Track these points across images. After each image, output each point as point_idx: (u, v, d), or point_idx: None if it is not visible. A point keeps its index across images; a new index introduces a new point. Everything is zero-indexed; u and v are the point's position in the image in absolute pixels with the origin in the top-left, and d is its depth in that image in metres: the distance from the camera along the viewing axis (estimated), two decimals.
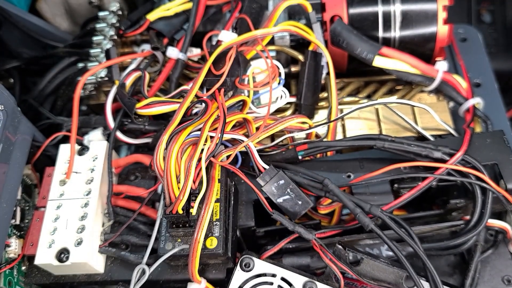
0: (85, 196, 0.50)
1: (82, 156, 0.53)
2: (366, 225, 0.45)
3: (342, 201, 0.47)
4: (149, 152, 0.57)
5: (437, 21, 0.57)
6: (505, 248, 0.50)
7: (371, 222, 0.45)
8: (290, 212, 0.49)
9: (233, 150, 0.49)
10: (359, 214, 0.46)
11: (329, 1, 0.59)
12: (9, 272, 0.49)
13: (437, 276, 0.43)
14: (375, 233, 0.45)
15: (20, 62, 0.70)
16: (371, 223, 0.45)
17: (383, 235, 0.44)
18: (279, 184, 0.49)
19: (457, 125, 0.59)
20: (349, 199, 0.47)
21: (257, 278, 0.46)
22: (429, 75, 0.56)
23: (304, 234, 0.47)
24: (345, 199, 0.47)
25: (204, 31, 0.62)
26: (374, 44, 0.56)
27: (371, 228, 0.45)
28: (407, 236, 0.45)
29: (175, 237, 0.47)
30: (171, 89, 0.59)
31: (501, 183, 0.49)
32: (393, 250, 0.44)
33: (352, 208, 0.46)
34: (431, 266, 0.43)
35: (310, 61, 0.58)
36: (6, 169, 0.50)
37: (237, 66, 0.56)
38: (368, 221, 0.45)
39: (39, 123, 0.61)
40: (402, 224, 0.46)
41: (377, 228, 0.45)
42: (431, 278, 0.43)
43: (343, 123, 0.60)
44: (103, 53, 0.63)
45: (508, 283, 0.48)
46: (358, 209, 0.46)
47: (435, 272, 0.43)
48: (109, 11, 0.67)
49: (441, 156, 0.50)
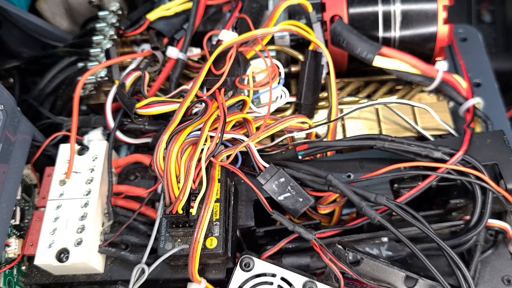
0: (85, 196, 0.50)
1: (82, 156, 0.53)
2: (373, 218, 0.45)
3: (346, 195, 0.47)
4: (149, 152, 0.57)
5: (437, 21, 0.57)
6: (505, 248, 0.50)
7: (377, 215, 0.45)
8: (291, 209, 0.49)
9: (233, 150, 0.49)
10: (364, 207, 0.46)
11: (329, 1, 0.59)
12: (9, 272, 0.49)
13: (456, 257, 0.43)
14: (382, 225, 0.45)
15: (20, 62, 0.69)
16: (377, 215, 0.45)
17: (391, 227, 0.45)
18: (279, 182, 0.49)
19: (457, 125, 0.59)
20: (353, 193, 0.47)
21: (257, 278, 0.46)
22: (429, 75, 0.56)
23: (304, 234, 0.47)
24: (350, 193, 0.47)
25: (204, 31, 0.62)
26: (374, 44, 0.56)
27: (379, 220, 0.45)
28: (415, 221, 0.45)
29: (175, 237, 0.47)
30: (171, 89, 0.59)
31: (501, 183, 0.49)
32: (404, 241, 0.44)
33: (358, 202, 0.46)
34: (444, 243, 0.44)
35: (310, 60, 0.58)
36: (6, 169, 0.50)
37: (237, 66, 0.56)
38: (375, 213, 0.45)
39: (39, 123, 0.61)
40: (408, 210, 0.46)
41: (384, 220, 0.45)
42: (449, 257, 0.43)
43: (343, 123, 0.60)
44: (103, 53, 0.63)
45: (508, 283, 0.48)
46: (364, 203, 0.46)
47: (453, 252, 0.43)
48: (109, 11, 0.67)
49: (441, 156, 0.50)
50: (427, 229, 0.44)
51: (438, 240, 0.43)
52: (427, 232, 0.44)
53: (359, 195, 0.47)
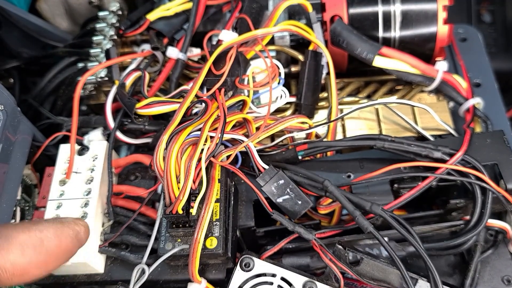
0: (85, 196, 0.50)
1: (82, 156, 0.53)
2: (365, 228, 0.45)
3: (341, 203, 0.47)
4: (149, 152, 0.57)
5: (437, 21, 0.57)
6: (505, 248, 0.50)
7: (369, 225, 0.45)
8: (290, 212, 0.49)
9: (233, 150, 0.49)
10: (358, 217, 0.46)
11: (329, 1, 0.59)
12: None
13: (437, 276, 0.43)
14: (373, 235, 0.45)
15: (20, 62, 0.70)
16: (369, 225, 0.45)
17: (381, 237, 0.44)
18: (278, 184, 0.49)
19: (457, 125, 0.59)
20: (348, 201, 0.47)
21: (257, 278, 0.46)
22: (429, 75, 0.56)
23: (304, 234, 0.47)
24: (345, 201, 0.47)
25: (204, 31, 0.62)
26: (374, 44, 0.56)
27: (370, 231, 0.45)
28: (408, 235, 0.45)
29: (175, 237, 0.47)
30: (171, 89, 0.59)
31: (501, 183, 0.49)
32: (389, 252, 0.44)
33: (352, 211, 0.46)
34: (432, 265, 0.43)
35: (311, 60, 0.58)
36: (6, 169, 0.50)
37: (237, 66, 0.56)
38: (367, 223, 0.45)
39: (39, 123, 0.61)
40: (402, 223, 0.46)
41: (375, 231, 0.45)
42: (432, 277, 0.43)
43: (343, 123, 0.60)
44: (103, 53, 0.63)
45: (508, 283, 0.48)
46: (357, 212, 0.46)
47: (436, 271, 0.43)
48: (109, 11, 0.67)
49: (441, 156, 0.50)
50: (418, 246, 0.44)
51: (426, 258, 0.43)
52: (417, 248, 0.44)
53: (354, 203, 0.47)
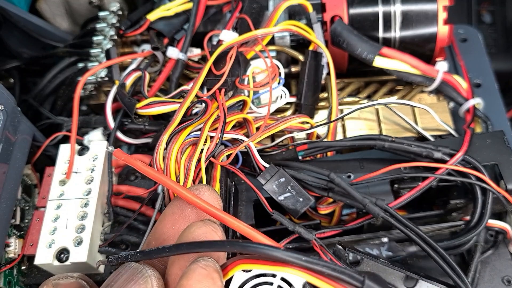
0: (85, 196, 0.50)
1: (82, 156, 0.53)
2: (377, 214, 0.46)
3: (349, 193, 0.47)
4: (149, 152, 0.57)
5: (437, 21, 0.57)
6: (505, 248, 0.50)
7: (381, 211, 0.46)
8: (291, 209, 0.49)
9: (233, 150, 0.49)
10: (368, 204, 0.46)
11: (329, 1, 0.59)
12: (9, 272, 0.49)
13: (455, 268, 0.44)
14: (386, 220, 0.46)
15: (20, 62, 0.70)
16: (381, 211, 0.46)
17: (395, 222, 0.45)
18: (280, 182, 0.49)
19: (457, 126, 0.59)
20: (356, 191, 0.47)
21: (257, 278, 0.46)
22: (429, 75, 0.56)
23: (304, 234, 0.47)
24: (352, 191, 0.47)
25: (205, 31, 0.62)
26: (374, 44, 0.56)
27: (382, 216, 0.45)
28: (414, 236, 0.45)
29: None
30: (171, 89, 0.59)
31: (501, 183, 0.49)
32: (407, 234, 0.45)
33: (361, 199, 0.47)
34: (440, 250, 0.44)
35: (311, 60, 0.58)
36: (6, 169, 0.50)
37: (237, 66, 0.56)
38: (378, 209, 0.46)
39: (39, 123, 0.62)
40: (405, 222, 0.46)
41: (388, 216, 0.45)
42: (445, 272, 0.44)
43: (343, 123, 0.60)
44: (103, 53, 0.63)
45: (508, 284, 0.48)
46: (367, 199, 0.46)
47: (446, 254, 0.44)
48: (109, 11, 0.67)
49: (441, 156, 0.50)
50: (422, 233, 0.44)
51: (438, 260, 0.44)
52: (424, 249, 0.45)
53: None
